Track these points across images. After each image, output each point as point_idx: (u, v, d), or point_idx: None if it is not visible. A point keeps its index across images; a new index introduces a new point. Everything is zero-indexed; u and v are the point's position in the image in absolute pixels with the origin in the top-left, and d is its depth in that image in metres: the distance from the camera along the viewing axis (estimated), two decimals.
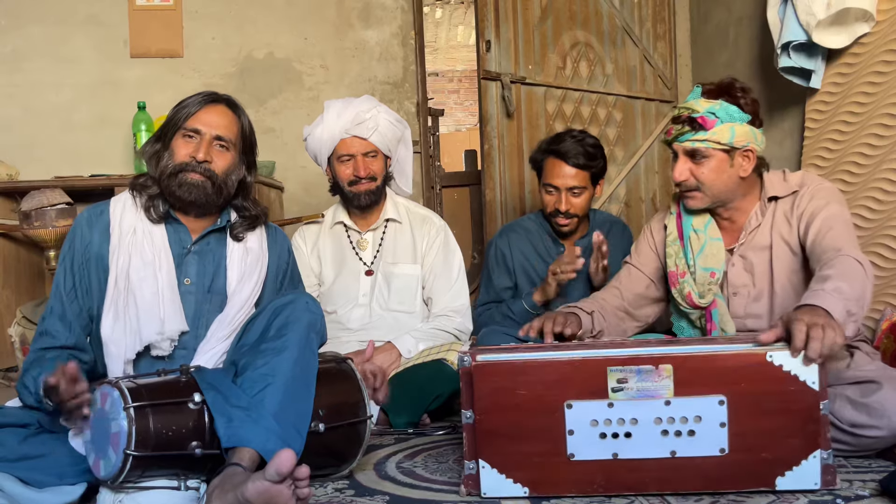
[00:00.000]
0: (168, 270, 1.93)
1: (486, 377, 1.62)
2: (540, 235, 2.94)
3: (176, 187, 1.94)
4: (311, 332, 1.79)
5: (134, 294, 1.89)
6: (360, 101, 2.75)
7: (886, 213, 2.58)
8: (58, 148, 3.79)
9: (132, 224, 1.95)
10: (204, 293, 1.97)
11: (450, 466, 1.96)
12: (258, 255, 2.04)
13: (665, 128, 2.14)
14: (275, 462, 1.44)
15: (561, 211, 2.77)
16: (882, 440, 1.80)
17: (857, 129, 2.76)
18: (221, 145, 1.98)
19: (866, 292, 1.78)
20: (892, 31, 2.68)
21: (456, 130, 10.32)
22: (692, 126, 2.06)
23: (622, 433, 1.61)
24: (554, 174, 2.77)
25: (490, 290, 2.95)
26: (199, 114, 1.97)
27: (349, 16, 4.05)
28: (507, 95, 3.87)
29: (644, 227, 2.41)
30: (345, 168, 2.73)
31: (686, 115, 2.07)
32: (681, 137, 2.08)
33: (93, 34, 3.86)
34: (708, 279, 2.13)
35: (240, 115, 2.05)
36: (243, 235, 2.04)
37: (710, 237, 2.15)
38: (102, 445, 1.59)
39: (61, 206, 3.15)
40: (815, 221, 2.01)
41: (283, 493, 1.44)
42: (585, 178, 2.76)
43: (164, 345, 1.89)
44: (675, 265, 2.21)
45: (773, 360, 1.57)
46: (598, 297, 2.32)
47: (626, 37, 4.23)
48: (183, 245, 1.99)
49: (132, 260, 1.91)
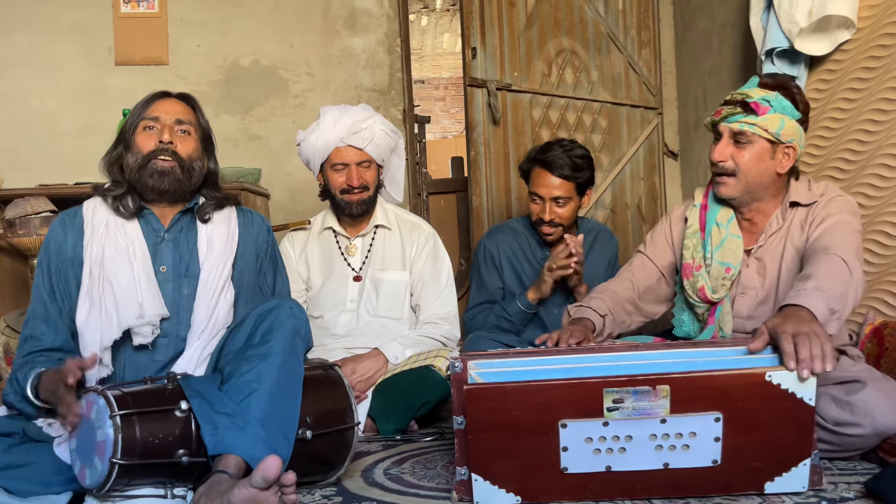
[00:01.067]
0: (143, 258, 1.94)
1: (479, 400, 1.60)
2: (527, 238, 2.96)
3: (148, 178, 1.96)
4: (295, 338, 1.78)
5: (110, 282, 1.89)
6: (357, 109, 2.74)
7: (869, 218, 2.61)
8: (42, 155, 3.77)
9: (104, 218, 1.97)
10: (180, 278, 1.97)
11: (438, 473, 1.96)
12: (226, 231, 2.05)
13: (713, 111, 2.16)
14: (261, 469, 1.43)
15: (545, 220, 2.78)
16: (865, 439, 1.81)
17: (840, 134, 2.79)
18: (183, 130, 2.01)
19: (849, 290, 1.80)
20: (872, 38, 2.71)
21: (442, 137, 10.35)
22: (744, 109, 2.06)
23: (616, 449, 1.60)
24: (539, 183, 2.77)
25: (482, 290, 2.96)
26: (154, 105, 2.01)
27: (335, 23, 4.06)
28: (493, 102, 3.88)
29: (662, 218, 2.40)
30: (338, 176, 2.73)
31: (739, 98, 2.08)
32: (730, 118, 2.08)
33: (77, 41, 3.85)
34: (723, 273, 2.13)
35: (194, 106, 2.08)
36: (210, 216, 2.05)
37: (731, 233, 2.15)
38: (88, 454, 1.58)
39: (46, 214, 3.13)
40: (820, 227, 2.03)
41: (269, 500, 1.44)
42: (571, 188, 2.76)
43: (145, 330, 1.87)
44: (692, 257, 2.20)
45: (771, 379, 1.56)
46: (609, 290, 2.31)
47: (610, 44, 4.26)
48: (157, 234, 2.00)
49: (105, 249, 1.92)
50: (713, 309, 2.16)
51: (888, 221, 2.58)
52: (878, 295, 2.58)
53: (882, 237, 2.59)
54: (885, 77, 2.65)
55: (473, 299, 2.99)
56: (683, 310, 2.28)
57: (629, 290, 2.31)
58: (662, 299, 2.36)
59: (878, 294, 2.58)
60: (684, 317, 2.27)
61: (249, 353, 1.73)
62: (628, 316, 2.31)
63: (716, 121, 2.12)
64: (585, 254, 2.93)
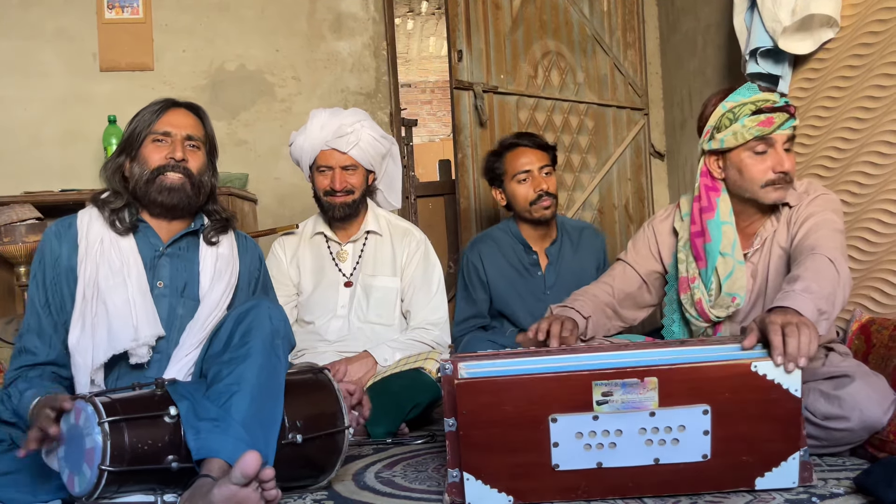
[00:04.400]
0: (138, 276, 1.91)
1: (469, 394, 1.60)
2: (511, 245, 2.97)
3: (156, 193, 1.93)
4: (275, 338, 1.76)
5: (104, 303, 1.87)
6: (347, 114, 2.74)
7: (855, 215, 2.62)
8: (27, 163, 3.74)
9: (99, 234, 1.93)
10: (177, 296, 1.96)
11: (429, 475, 1.96)
12: (229, 260, 2.03)
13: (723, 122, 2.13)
14: (240, 464, 1.44)
15: (544, 191, 2.83)
16: (853, 433, 1.82)
17: (825, 132, 2.80)
18: (192, 145, 1.99)
19: (837, 290, 1.80)
20: (855, 37, 2.73)
21: (430, 141, 10.35)
22: (789, 114, 2.06)
23: (606, 444, 1.60)
24: (521, 161, 2.89)
25: (470, 304, 2.97)
26: (164, 117, 1.97)
27: (320, 27, 4.05)
28: (479, 105, 3.88)
29: (645, 225, 2.39)
30: (322, 178, 2.74)
31: (770, 105, 2.05)
32: (785, 124, 2.06)
33: (61, 48, 3.83)
34: (728, 303, 2.11)
35: (203, 117, 2.06)
36: (217, 239, 2.03)
37: (737, 260, 2.12)
38: (77, 461, 1.57)
39: (31, 222, 3.11)
40: (804, 226, 2.04)
41: (250, 497, 1.44)
42: (549, 158, 2.93)
43: (142, 351, 1.86)
44: (686, 271, 2.19)
45: (757, 369, 1.57)
46: (590, 293, 2.31)
47: (596, 46, 4.27)
48: (154, 249, 1.97)
49: (100, 269, 1.89)
50: (715, 332, 2.16)
51: (874, 219, 2.59)
52: (866, 292, 2.60)
53: (868, 234, 2.61)
54: (869, 75, 2.67)
55: (461, 312, 2.99)
56: (674, 321, 2.27)
57: (608, 295, 2.31)
58: (642, 306, 2.36)
59: (866, 291, 2.60)
60: (675, 328, 2.27)
61: (229, 355, 1.72)
62: (608, 321, 2.31)
63: (768, 131, 2.06)
64: (571, 254, 2.95)
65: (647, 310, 2.37)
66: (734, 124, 2.09)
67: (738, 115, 2.08)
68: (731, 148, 2.12)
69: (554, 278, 2.93)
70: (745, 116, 2.07)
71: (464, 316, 2.97)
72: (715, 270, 2.14)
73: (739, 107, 2.08)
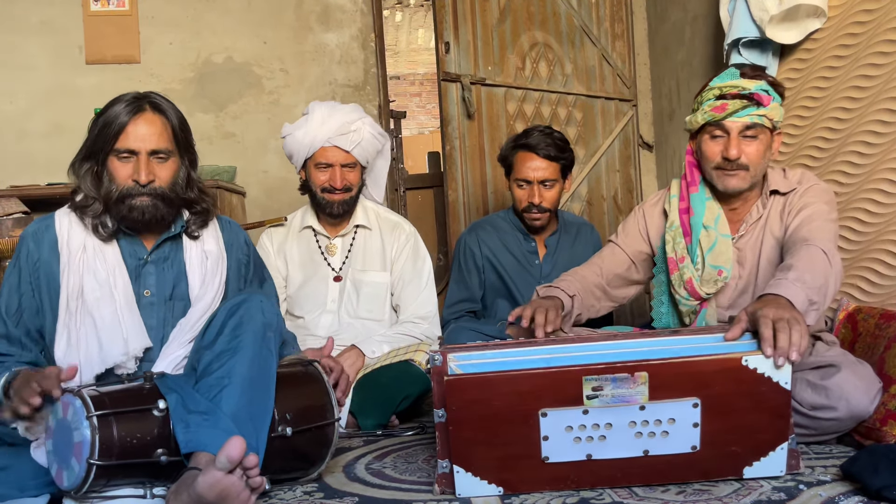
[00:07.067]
0: (124, 286, 1.88)
1: (459, 391, 1.60)
2: (511, 232, 2.97)
3: (126, 212, 1.87)
4: (267, 332, 1.76)
5: (92, 316, 1.84)
6: (347, 109, 2.71)
7: (842, 204, 2.64)
8: (13, 157, 3.72)
9: (81, 241, 1.88)
10: (166, 302, 1.94)
11: (419, 466, 1.96)
12: (217, 258, 2.01)
13: (705, 107, 2.13)
14: (225, 449, 1.45)
15: (535, 204, 2.81)
16: (840, 422, 1.83)
17: (812, 122, 2.82)
18: (160, 158, 1.89)
19: (829, 282, 1.81)
20: (843, 27, 2.74)
21: (419, 133, 10.33)
22: (751, 102, 2.06)
23: (596, 437, 1.61)
24: (525, 168, 2.81)
25: (462, 287, 2.97)
26: (127, 130, 1.85)
27: (308, 19, 4.03)
28: (467, 97, 3.87)
29: (636, 209, 2.40)
30: (321, 175, 2.70)
31: (735, 92, 2.06)
32: (739, 112, 2.06)
33: (46, 41, 3.80)
34: (715, 276, 2.13)
35: (168, 115, 1.92)
36: (198, 233, 2.00)
37: (720, 233, 2.14)
38: (65, 455, 1.56)
39: (18, 216, 3.09)
40: (798, 217, 2.05)
41: (235, 484, 1.45)
42: (556, 170, 2.82)
43: (130, 364, 1.85)
44: (674, 251, 2.20)
45: (748, 363, 1.57)
46: (578, 274, 2.31)
47: (584, 37, 4.27)
48: (138, 257, 1.94)
49: (85, 280, 1.85)
50: (697, 314, 2.17)
51: (861, 208, 2.60)
52: (852, 281, 2.61)
53: (855, 223, 2.62)
54: (855, 65, 2.68)
55: (453, 296, 2.99)
56: (662, 303, 2.28)
57: (597, 276, 2.32)
58: (631, 282, 2.37)
59: (852, 280, 2.61)
60: (663, 309, 2.28)
61: (220, 349, 1.72)
62: (597, 301, 2.32)
63: (719, 117, 2.08)
64: (569, 247, 2.95)
65: (637, 286, 2.38)
66: (701, 107, 2.13)
67: (704, 99, 2.13)
68: (696, 130, 2.18)
69: (550, 268, 2.93)
70: (708, 101, 2.11)
71: (455, 299, 2.97)
72: (699, 243, 2.16)
73: (708, 90, 2.12)
